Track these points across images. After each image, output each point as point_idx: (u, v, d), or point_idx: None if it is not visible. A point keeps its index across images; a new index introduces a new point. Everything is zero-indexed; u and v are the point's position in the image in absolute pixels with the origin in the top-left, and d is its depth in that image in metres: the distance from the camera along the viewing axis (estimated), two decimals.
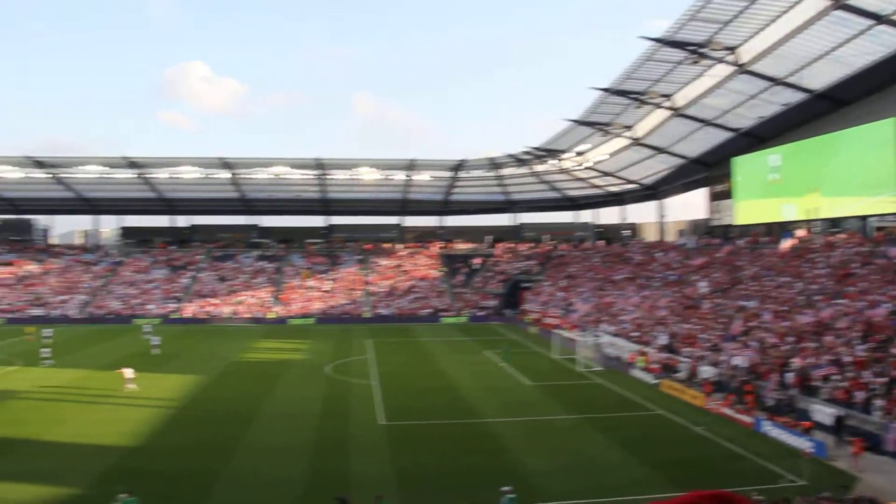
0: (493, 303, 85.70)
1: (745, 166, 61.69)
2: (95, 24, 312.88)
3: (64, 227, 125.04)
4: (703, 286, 56.16)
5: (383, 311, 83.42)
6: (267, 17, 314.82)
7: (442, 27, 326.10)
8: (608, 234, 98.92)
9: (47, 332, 60.03)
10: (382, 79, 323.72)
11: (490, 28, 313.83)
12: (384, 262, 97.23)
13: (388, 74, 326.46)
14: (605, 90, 58.57)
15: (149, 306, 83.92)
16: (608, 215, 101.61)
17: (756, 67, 49.04)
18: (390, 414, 34.66)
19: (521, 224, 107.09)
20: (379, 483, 23.68)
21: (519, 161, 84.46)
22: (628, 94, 58.49)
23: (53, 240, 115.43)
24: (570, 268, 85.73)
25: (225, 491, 23.85)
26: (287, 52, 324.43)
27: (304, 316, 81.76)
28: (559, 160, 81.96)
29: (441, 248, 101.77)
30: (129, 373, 41.41)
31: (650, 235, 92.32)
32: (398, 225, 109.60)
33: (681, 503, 14.72)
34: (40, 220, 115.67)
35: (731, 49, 47.85)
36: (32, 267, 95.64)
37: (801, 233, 58.78)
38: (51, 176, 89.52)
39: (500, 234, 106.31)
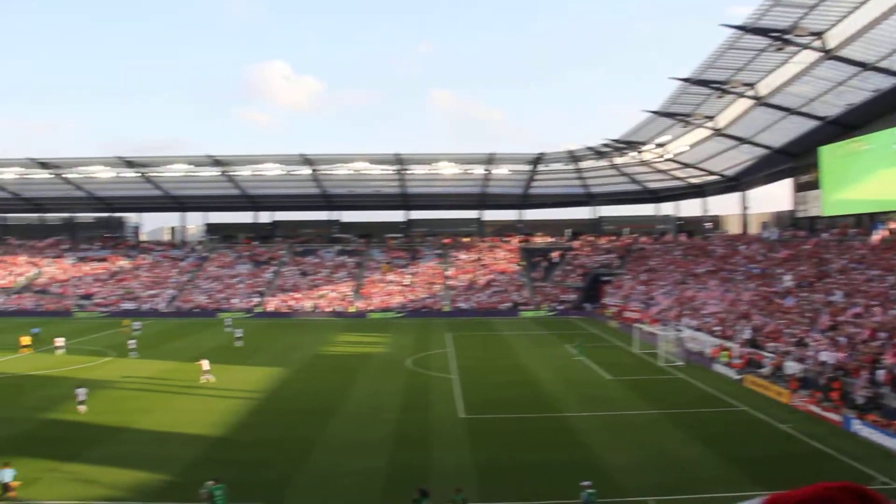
0: (572, 297, 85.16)
1: (833, 155, 59.78)
2: (178, 26, 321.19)
3: (153, 224, 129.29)
4: (787, 279, 54.80)
5: (463, 305, 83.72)
6: (345, 15, 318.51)
7: (518, 21, 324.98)
8: (689, 226, 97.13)
9: (136, 324, 62.29)
10: (460, 74, 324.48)
11: (566, 20, 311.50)
12: (463, 256, 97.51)
13: (466, 70, 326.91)
14: (686, 80, 57.54)
15: (233, 300, 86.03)
16: (689, 207, 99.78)
17: (844, 52, 47.42)
18: (470, 407, 34.90)
19: (601, 217, 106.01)
20: (458, 476, 23.88)
21: (598, 153, 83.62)
22: (710, 84, 57.33)
23: (143, 236, 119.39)
24: (650, 261, 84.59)
25: (307, 481, 24.42)
26: (365, 49, 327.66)
27: (385, 310, 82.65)
28: (639, 152, 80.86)
29: (520, 241, 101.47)
30: (205, 364, 42.72)
31: (733, 228, 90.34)
32: (477, 219, 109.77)
33: (809, 493, 14.38)
34: (131, 217, 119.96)
35: (818, 34, 46.43)
36: (124, 262, 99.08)
37: (893, 224, 56.77)
38: (140, 175, 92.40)
39: (580, 227, 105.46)
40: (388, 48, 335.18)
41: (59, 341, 54.75)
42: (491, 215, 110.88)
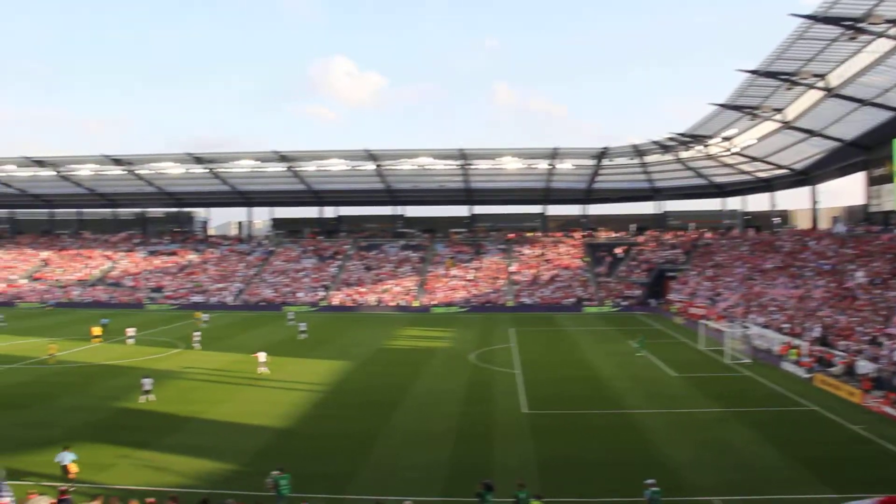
0: (637, 292, 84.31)
1: None
2: (242, 24, 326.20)
3: (220, 219, 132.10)
4: (860, 276, 53.46)
5: (526, 300, 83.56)
6: (409, 10, 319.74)
7: (579, 12, 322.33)
8: (757, 221, 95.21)
9: (205, 317, 63.84)
10: (523, 69, 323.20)
11: (630, 12, 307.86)
12: (527, 250, 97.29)
13: (529, 64, 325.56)
14: (753, 72, 56.38)
15: (298, 294, 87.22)
16: (757, 202, 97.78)
17: None
18: (533, 402, 34.89)
19: (666, 212, 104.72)
20: (521, 471, 23.84)
21: (663, 148, 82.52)
22: (778, 76, 56.06)
23: (211, 231, 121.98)
24: (716, 256, 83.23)
25: (370, 474, 24.71)
26: (429, 44, 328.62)
27: (448, 304, 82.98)
28: (705, 146, 79.54)
29: (584, 236, 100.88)
30: (262, 357, 43.58)
31: (802, 223, 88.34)
32: (541, 214, 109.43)
33: None
34: (200, 212, 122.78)
35: (894, 22, 45.09)
36: (193, 256, 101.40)
37: None
38: (208, 171, 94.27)
39: (645, 222, 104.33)
40: (452, 43, 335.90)
41: (131, 331, 56.56)
42: (555, 210, 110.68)
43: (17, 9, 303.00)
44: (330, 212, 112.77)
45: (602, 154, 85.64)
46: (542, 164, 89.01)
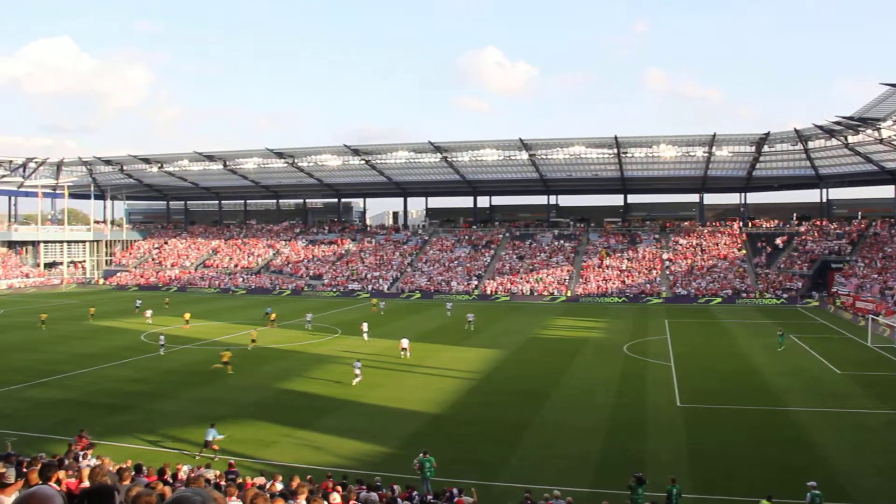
0: (798, 284, 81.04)
1: None
2: (398, 18, 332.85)
3: (377, 209, 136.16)
4: None
5: (681, 291, 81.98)
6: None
7: None
8: None
9: (381, 304, 66.85)
10: (673, 52, 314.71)
11: None
12: (683, 240, 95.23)
13: (679, 47, 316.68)
14: None
15: (452, 283, 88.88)
16: None
17: None
18: (687, 396, 34.41)
19: (831, 200, 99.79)
20: (673, 465, 23.75)
21: (828, 132, 78.83)
22: None
23: (368, 221, 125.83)
24: (887, 247, 78.96)
25: (520, 462, 25.19)
26: (578, 32, 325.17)
27: (602, 295, 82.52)
28: (876, 129, 75.47)
29: (743, 226, 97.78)
30: (404, 342, 45.01)
31: None
32: (698, 202, 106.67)
33: None
34: (357, 202, 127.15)
35: None
36: (350, 245, 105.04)
37: None
38: (364, 162, 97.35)
39: (808, 211, 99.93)
40: (601, 29, 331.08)
41: (308, 316, 59.90)
42: (712, 199, 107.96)
43: (187, 12, 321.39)
44: (484, 201, 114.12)
45: (762, 140, 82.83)
46: (699, 152, 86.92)
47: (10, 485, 8.05)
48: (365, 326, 53.63)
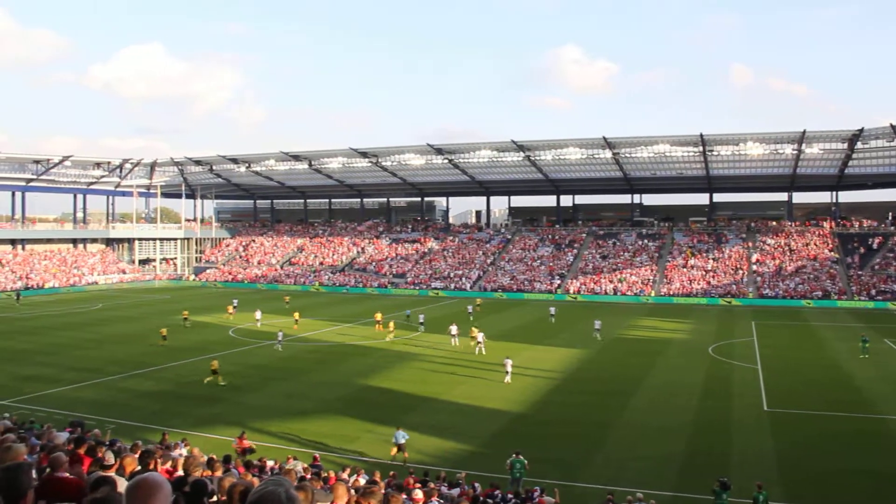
0: (894, 287, 78.26)
1: None
2: (477, 17, 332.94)
3: (460, 208, 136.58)
4: None
5: (768, 292, 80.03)
6: None
7: None
8: None
9: (478, 301, 66.70)
10: (759, 47, 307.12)
11: None
12: (771, 240, 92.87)
13: (765, 42, 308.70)
14: None
15: (535, 282, 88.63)
16: None
17: None
18: (775, 400, 33.65)
19: None
20: (760, 472, 23.25)
21: None
22: None
23: (451, 220, 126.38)
24: None
25: (602, 463, 25.15)
26: (657, 28, 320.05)
27: (687, 295, 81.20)
28: None
29: (834, 226, 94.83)
30: (480, 336, 45.36)
31: None
32: (786, 201, 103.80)
33: None
34: (440, 201, 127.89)
35: None
36: (433, 244, 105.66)
37: None
38: (447, 161, 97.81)
39: None
40: (683, 25, 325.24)
41: (421, 318, 57.74)
42: (801, 198, 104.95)
43: (271, 16, 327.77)
44: (567, 200, 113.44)
45: (856, 136, 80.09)
46: (788, 149, 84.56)
47: (110, 466, 8.63)
48: (454, 329, 50.56)
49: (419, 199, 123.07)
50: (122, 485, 6.36)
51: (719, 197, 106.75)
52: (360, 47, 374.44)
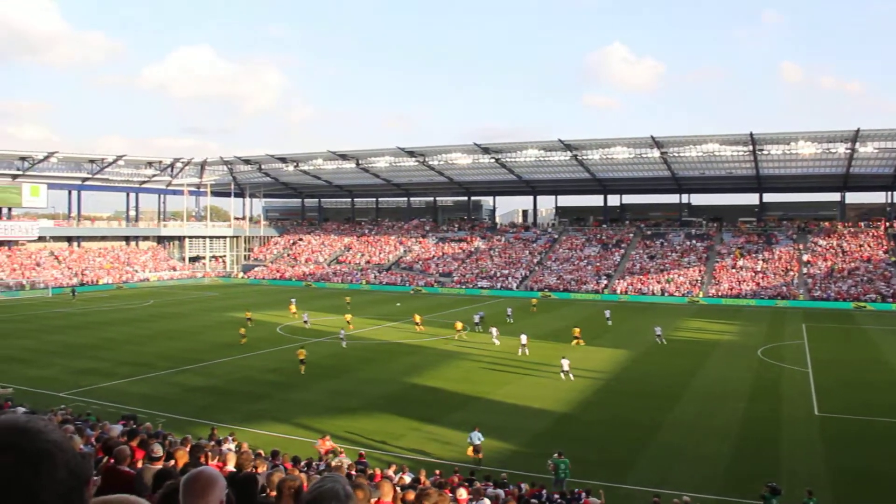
0: None
1: None
2: (523, 16, 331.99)
3: (506, 207, 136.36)
4: None
5: (820, 294, 78.66)
6: None
7: None
8: None
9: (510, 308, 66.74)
10: (810, 44, 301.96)
11: None
12: (822, 241, 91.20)
13: (815, 38, 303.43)
14: None
15: (582, 282, 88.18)
16: None
17: None
18: (827, 405, 33.01)
19: None
20: (810, 478, 22.87)
21: None
22: None
23: (497, 219, 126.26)
24: None
25: (649, 464, 25.00)
26: (706, 26, 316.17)
27: (735, 296, 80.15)
28: None
29: (890, 227, 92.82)
30: (523, 339, 45.51)
31: None
32: (839, 202, 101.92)
33: None
34: (487, 201, 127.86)
35: None
36: (480, 243, 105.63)
37: None
38: (494, 160, 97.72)
39: None
40: (730, 22, 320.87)
41: (494, 332, 51.41)
42: (854, 198, 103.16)
43: (316, 17, 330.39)
44: (614, 200, 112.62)
45: None
46: (841, 148, 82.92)
47: (158, 458, 8.94)
48: (523, 339, 47.83)
49: (466, 198, 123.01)
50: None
51: (769, 197, 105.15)
52: (405, 47, 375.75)
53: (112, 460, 8.28)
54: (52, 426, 1.80)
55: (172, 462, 9.25)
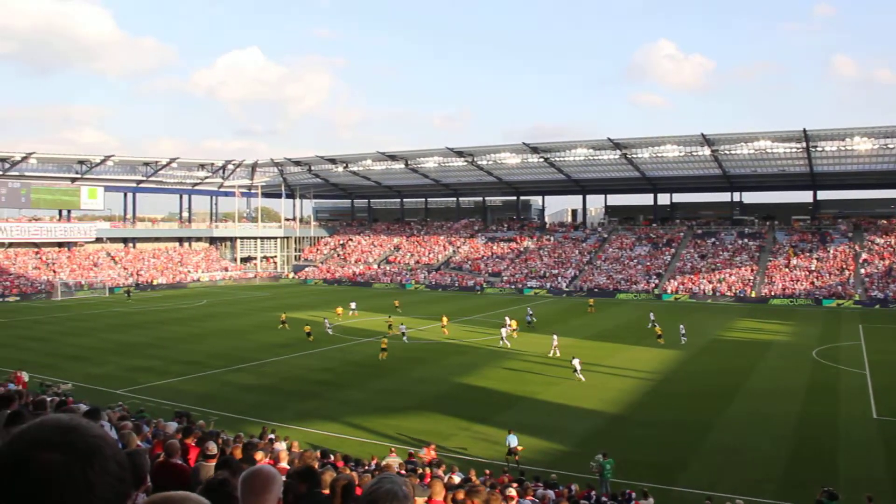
0: None
1: None
2: (570, 14, 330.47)
3: (556, 207, 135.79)
4: None
5: (878, 294, 76.93)
6: None
7: None
8: None
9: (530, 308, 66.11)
10: (864, 37, 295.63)
11: None
12: (880, 240, 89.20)
13: (871, 31, 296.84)
14: None
15: (632, 282, 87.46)
16: None
17: None
18: (886, 408, 32.21)
19: None
20: (869, 483, 22.26)
21: None
22: None
23: (547, 218, 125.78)
24: None
25: (701, 467, 24.75)
26: (754, 20, 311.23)
27: (789, 296, 78.81)
28: None
29: None
30: (554, 339, 45.38)
31: None
32: None
33: None
34: (536, 200, 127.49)
35: None
36: (529, 243, 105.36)
37: None
38: (543, 160, 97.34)
39: None
40: (780, 16, 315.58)
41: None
42: None
43: (362, 18, 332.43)
44: (664, 198, 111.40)
45: None
46: None
47: (213, 456, 9.15)
48: (555, 339, 46.51)
49: (514, 197, 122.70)
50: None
51: (823, 194, 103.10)
52: (451, 48, 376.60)
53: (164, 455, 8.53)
54: (92, 423, 1.89)
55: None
